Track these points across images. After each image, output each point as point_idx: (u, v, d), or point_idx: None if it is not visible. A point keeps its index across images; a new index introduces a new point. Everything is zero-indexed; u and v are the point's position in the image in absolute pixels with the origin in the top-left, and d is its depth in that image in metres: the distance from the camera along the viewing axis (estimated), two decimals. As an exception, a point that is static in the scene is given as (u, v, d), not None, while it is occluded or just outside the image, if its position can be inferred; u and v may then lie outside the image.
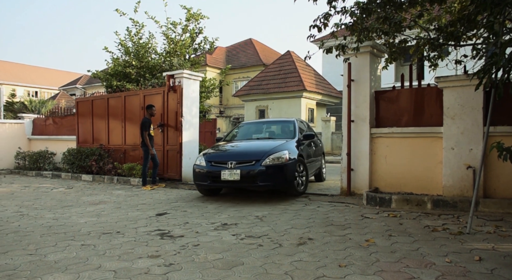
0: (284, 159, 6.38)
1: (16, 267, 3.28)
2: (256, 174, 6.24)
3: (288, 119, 8.37)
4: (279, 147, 6.67)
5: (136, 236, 4.27)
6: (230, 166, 6.35)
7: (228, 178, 6.31)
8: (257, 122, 8.99)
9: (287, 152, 6.52)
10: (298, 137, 7.35)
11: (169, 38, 11.58)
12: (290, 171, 6.44)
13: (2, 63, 55.39)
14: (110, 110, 10.71)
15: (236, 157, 6.54)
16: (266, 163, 6.28)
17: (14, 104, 28.65)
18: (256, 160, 6.32)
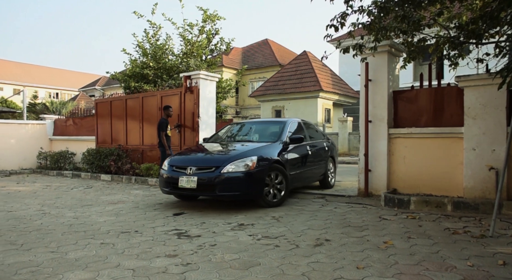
0: (249, 166, 5.62)
1: (39, 264, 3.36)
2: (214, 183, 5.55)
3: (282, 119, 7.63)
4: (247, 152, 5.95)
5: (154, 235, 4.31)
6: (189, 172, 5.76)
7: (185, 185, 5.71)
8: (247, 122, 8.03)
9: (255, 158, 5.74)
10: (284, 140, 6.52)
11: (186, 39, 11.68)
12: (255, 180, 5.66)
13: (25, 65, 56.87)
14: (128, 111, 10.86)
15: (197, 163, 5.99)
16: (226, 170, 5.57)
17: (37, 105, 29.37)
18: (216, 167, 5.65)
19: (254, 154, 5.89)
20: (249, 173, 5.61)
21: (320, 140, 8.01)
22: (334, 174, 8.39)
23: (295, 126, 7.29)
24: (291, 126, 7.10)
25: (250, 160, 5.71)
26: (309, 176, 7.27)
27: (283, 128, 6.89)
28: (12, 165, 13.06)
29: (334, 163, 8.43)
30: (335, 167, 8.47)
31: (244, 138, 7.21)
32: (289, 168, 6.33)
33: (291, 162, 6.48)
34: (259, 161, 5.77)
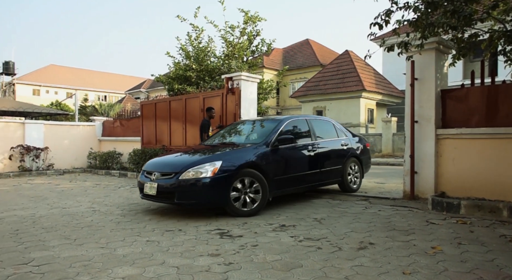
0: (209, 172, 5.17)
1: (90, 258, 3.53)
2: (172, 190, 5.25)
3: (279, 118, 6.96)
4: (212, 157, 5.53)
5: (197, 235, 4.39)
6: (153, 178, 5.52)
7: (148, 192, 5.48)
8: (247, 121, 7.42)
9: (218, 163, 5.26)
10: (270, 141, 5.91)
11: (228, 41, 11.83)
12: (216, 187, 5.18)
13: (77, 70, 60.09)
14: (171, 112, 11.16)
15: (162, 168, 5.66)
16: (183, 177, 5.21)
17: (87, 107, 30.95)
18: (175, 173, 5.30)
19: (219, 158, 5.41)
20: (208, 180, 5.15)
21: (335, 139, 7.22)
22: (359, 177, 7.55)
23: (294, 125, 6.62)
24: (287, 125, 6.43)
25: (211, 166, 5.25)
26: (314, 179, 6.58)
27: (273, 128, 6.24)
28: (65, 165, 13.82)
29: (360, 165, 7.60)
30: (361, 169, 7.62)
31: (233, 140, 6.67)
32: (274, 172, 5.78)
33: (281, 165, 5.99)
34: (223, 167, 5.26)
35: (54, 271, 3.21)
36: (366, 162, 7.94)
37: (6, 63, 48.67)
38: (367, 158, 8.04)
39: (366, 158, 7.96)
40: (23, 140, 12.82)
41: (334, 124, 7.59)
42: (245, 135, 6.70)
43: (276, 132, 6.14)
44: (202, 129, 8.66)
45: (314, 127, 6.92)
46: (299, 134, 6.66)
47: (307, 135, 6.74)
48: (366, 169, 8.00)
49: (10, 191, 8.43)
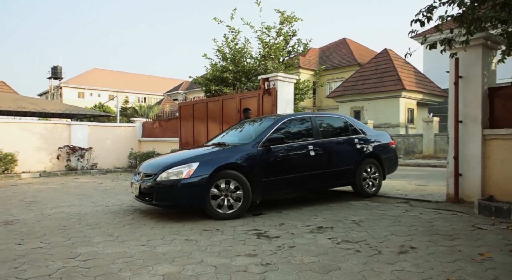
0: (184, 173, 5.13)
1: (132, 255, 3.64)
2: (151, 191, 5.28)
3: (275, 116, 6.68)
4: (191, 158, 5.42)
5: (234, 235, 4.43)
6: (138, 178, 5.63)
7: (134, 192, 5.64)
8: (250, 120, 7.21)
9: (195, 164, 5.19)
10: (260, 141, 5.71)
11: (264, 42, 11.85)
12: (191, 189, 5.12)
13: (118, 73, 62.37)
14: (209, 113, 11.33)
15: (147, 169, 5.67)
16: (161, 178, 5.22)
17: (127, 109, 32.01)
18: (154, 174, 5.33)
19: (197, 160, 5.31)
20: (183, 182, 5.10)
21: (345, 137, 6.68)
22: (378, 179, 6.95)
23: (292, 123, 6.30)
24: (284, 124, 6.15)
25: (187, 167, 5.19)
26: (315, 180, 6.22)
27: (267, 128, 5.99)
28: (107, 164, 14.37)
29: (381, 166, 6.98)
30: (381, 171, 6.98)
31: (227, 140, 6.49)
32: (263, 173, 5.58)
33: (272, 166, 5.73)
34: (201, 168, 5.18)
35: (98, 266, 3.34)
36: (389, 162, 7.21)
37: (54, 68, 51.38)
38: (391, 158, 7.27)
39: (389, 158, 7.20)
40: (69, 140, 13.46)
41: (348, 121, 7.04)
42: (242, 135, 6.48)
43: (269, 132, 5.90)
44: None
45: (318, 125, 6.51)
46: (298, 133, 6.32)
47: (308, 133, 6.34)
48: (391, 170, 7.33)
49: (58, 189, 8.88)
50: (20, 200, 7.13)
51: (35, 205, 6.62)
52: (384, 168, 7.05)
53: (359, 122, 7.30)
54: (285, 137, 5.96)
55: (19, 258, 3.59)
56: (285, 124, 6.20)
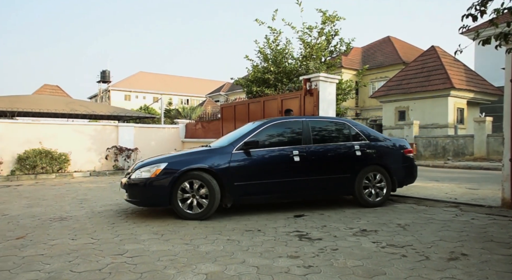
0: (150, 173, 5.34)
1: (176, 254, 3.73)
2: (125, 188, 5.55)
3: (261, 121, 6.53)
4: (163, 159, 5.63)
5: (275, 236, 4.42)
6: (125, 176, 5.84)
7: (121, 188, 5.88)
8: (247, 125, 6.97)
9: (163, 165, 5.37)
10: (237, 145, 5.68)
11: (305, 43, 11.75)
12: (155, 188, 5.33)
13: (163, 76, 64.35)
14: (250, 114, 11.40)
15: (133, 167, 5.87)
16: (133, 176, 5.48)
17: (171, 111, 32.93)
18: (131, 173, 5.62)
19: (166, 161, 5.48)
20: (148, 181, 5.31)
21: (342, 143, 6.27)
22: (384, 190, 6.31)
23: (279, 127, 6.17)
24: (269, 128, 6.03)
25: (154, 167, 5.39)
26: (300, 187, 5.93)
27: (249, 131, 5.94)
28: (152, 164, 14.82)
29: (388, 175, 6.35)
30: (389, 179, 6.34)
31: (218, 142, 6.52)
32: (236, 177, 5.52)
33: (247, 171, 5.64)
34: (167, 169, 5.33)
35: (144, 263, 3.45)
36: (402, 172, 6.58)
37: (103, 72, 53.89)
38: (405, 167, 6.64)
39: (402, 167, 6.59)
40: (116, 141, 14.05)
41: (350, 125, 6.54)
42: (232, 137, 6.22)
43: (248, 135, 5.82)
44: None
45: (311, 130, 6.18)
46: (285, 138, 6.15)
47: (296, 138, 6.09)
48: (406, 180, 6.70)
49: (106, 188, 9.28)
50: (73, 198, 7.53)
51: (86, 202, 6.96)
52: (393, 178, 6.40)
53: (365, 128, 6.74)
54: (269, 141, 5.91)
55: (72, 252, 3.79)
56: (271, 128, 6.09)
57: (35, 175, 11.81)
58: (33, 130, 12.42)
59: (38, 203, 6.95)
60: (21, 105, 14.70)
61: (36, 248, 3.94)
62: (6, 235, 4.51)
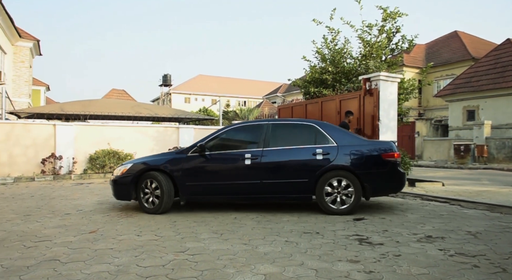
0: (120, 171, 6.25)
1: (235, 253, 3.79)
2: (110, 183, 6.44)
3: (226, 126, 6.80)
4: (134, 159, 6.65)
5: (334, 239, 4.33)
6: None
7: None
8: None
9: (129, 165, 6.22)
10: (192, 148, 6.10)
11: (365, 41, 11.40)
12: (120, 185, 6.18)
13: (220, 78, 65.94)
14: (308, 115, 11.30)
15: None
16: (113, 173, 6.42)
17: (229, 112, 33.61)
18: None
19: (134, 161, 6.33)
20: (117, 178, 6.23)
21: (302, 147, 5.97)
22: (352, 196, 5.77)
23: (239, 131, 6.45)
24: (229, 132, 6.38)
25: (123, 167, 6.27)
26: (251, 190, 5.92)
27: (209, 135, 6.27)
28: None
29: (358, 181, 5.77)
30: (358, 186, 5.76)
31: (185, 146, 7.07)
32: (187, 177, 5.96)
33: (198, 172, 6.04)
34: (130, 169, 6.13)
35: (205, 261, 3.54)
36: (377, 178, 5.91)
37: (164, 76, 56.37)
38: (382, 173, 5.95)
39: (377, 173, 5.93)
40: (177, 142, 14.61)
41: (318, 128, 6.14)
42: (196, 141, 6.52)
43: (205, 139, 6.16)
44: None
45: (272, 134, 6.10)
46: (243, 142, 6.30)
47: (254, 142, 6.11)
48: (382, 188, 6.02)
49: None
50: (138, 196, 7.92)
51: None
52: (364, 185, 5.80)
53: (337, 130, 6.26)
54: (227, 145, 6.28)
55: (138, 248, 4.00)
56: (232, 132, 6.42)
57: (104, 174, 12.65)
58: (102, 132, 13.31)
59: (107, 200, 7.42)
60: (92, 108, 15.80)
61: (106, 242, 4.21)
62: (80, 229, 4.87)
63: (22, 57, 21.34)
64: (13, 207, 6.62)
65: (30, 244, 4.14)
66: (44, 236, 4.50)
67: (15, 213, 6.05)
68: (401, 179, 6.00)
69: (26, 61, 21.56)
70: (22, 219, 5.52)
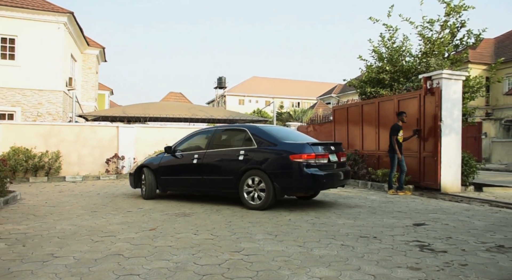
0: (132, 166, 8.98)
1: (290, 255, 3.77)
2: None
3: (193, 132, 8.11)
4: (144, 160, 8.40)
5: (393, 244, 4.16)
6: None
7: None
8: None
9: (139, 163, 8.30)
10: (171, 149, 7.68)
11: (426, 38, 10.85)
12: (133, 177, 8.13)
13: (274, 80, 66.14)
14: (364, 116, 10.99)
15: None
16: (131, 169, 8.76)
17: (282, 114, 33.60)
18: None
19: (140, 161, 8.51)
20: (130, 172, 8.31)
21: (229, 149, 6.94)
22: (265, 193, 6.23)
23: (198, 135, 7.71)
24: (193, 136, 7.75)
25: (135, 164, 8.80)
26: (197, 184, 7.20)
27: (182, 138, 7.89)
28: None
29: (269, 180, 6.18)
30: (269, 184, 6.17)
31: None
32: (161, 172, 7.62)
33: (168, 168, 7.59)
34: (136, 166, 8.26)
35: (260, 262, 3.56)
36: (284, 178, 6.18)
37: (219, 79, 57.58)
38: (288, 173, 6.16)
39: (284, 173, 6.18)
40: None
41: (248, 132, 6.82)
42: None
43: (179, 142, 7.77)
44: (392, 132, 8.30)
45: (216, 137, 7.29)
46: (199, 144, 7.48)
47: (204, 144, 7.32)
48: (292, 188, 6.29)
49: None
50: (191, 196, 8.15)
51: (205, 200, 7.49)
52: (274, 184, 6.17)
53: (263, 134, 6.70)
54: (190, 147, 7.57)
55: (195, 246, 4.11)
56: (195, 135, 7.74)
57: (163, 173, 13.17)
58: (160, 134, 13.88)
59: (164, 199, 7.72)
60: (151, 111, 16.52)
61: (165, 240, 4.37)
62: (141, 226, 5.11)
63: (90, 64, 22.87)
64: (82, 203, 7.11)
65: (97, 239, 4.42)
66: (109, 232, 4.78)
67: (84, 209, 6.49)
68: (309, 180, 6.08)
69: (93, 67, 23.08)
70: (89, 215, 5.91)
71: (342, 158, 6.94)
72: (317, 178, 6.08)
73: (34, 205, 6.95)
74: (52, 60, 16.17)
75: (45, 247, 4.07)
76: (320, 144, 6.51)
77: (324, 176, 6.15)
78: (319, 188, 6.60)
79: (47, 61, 16.04)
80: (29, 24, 15.88)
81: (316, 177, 6.07)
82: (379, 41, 11.69)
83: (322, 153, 6.30)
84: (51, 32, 16.22)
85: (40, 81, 15.97)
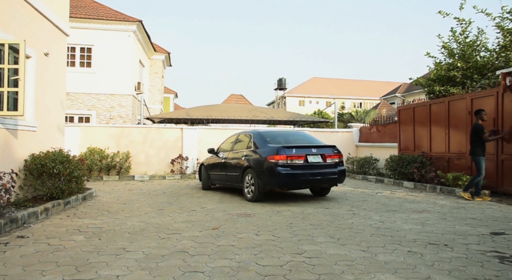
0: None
1: (353, 260, 3.66)
2: None
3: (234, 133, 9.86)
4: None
5: (467, 253, 3.87)
6: None
7: None
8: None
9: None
10: (213, 151, 9.64)
11: (505, 30, 9.98)
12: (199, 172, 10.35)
13: (335, 80, 64.91)
14: (432, 116, 10.38)
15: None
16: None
17: (344, 115, 32.82)
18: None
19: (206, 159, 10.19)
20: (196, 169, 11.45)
21: (239, 151, 8.38)
22: (254, 188, 7.51)
23: (228, 139, 9.45)
24: (227, 139, 9.47)
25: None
26: (224, 178, 8.80)
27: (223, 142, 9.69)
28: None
29: (257, 177, 7.42)
30: (256, 180, 7.43)
31: None
32: (209, 169, 9.49)
33: (211, 166, 9.40)
34: (200, 163, 10.52)
35: (322, 265, 3.49)
36: (264, 176, 7.31)
37: (279, 80, 57.75)
38: (265, 171, 7.28)
39: (263, 172, 7.34)
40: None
41: (252, 137, 8.25)
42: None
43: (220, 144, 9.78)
44: (479, 132, 7.61)
45: (237, 141, 8.82)
46: (228, 146, 9.15)
47: (229, 147, 9.03)
48: (269, 184, 7.28)
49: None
50: (255, 196, 8.23)
51: (265, 202, 7.52)
52: (258, 180, 7.41)
53: (259, 139, 8.02)
54: (224, 149, 9.23)
55: (256, 246, 4.14)
56: (228, 139, 9.45)
57: (225, 174, 13.48)
58: (222, 135, 14.17)
59: (227, 199, 7.89)
60: (213, 113, 16.99)
61: (227, 239, 4.46)
62: (204, 225, 5.26)
63: (156, 68, 24.08)
64: (150, 202, 7.49)
65: (164, 236, 4.62)
66: (174, 229, 4.98)
67: (151, 207, 6.83)
68: (282, 177, 7.10)
69: (159, 72, 24.27)
70: (156, 213, 6.20)
71: (330, 159, 7.61)
72: (289, 176, 7.11)
73: (107, 202, 7.45)
74: (123, 66, 17.31)
75: (118, 241, 4.34)
76: (295, 147, 7.42)
77: (297, 174, 7.16)
78: (292, 185, 7.48)
79: (118, 67, 17.20)
80: (103, 33, 17.15)
81: (288, 175, 7.10)
82: (449, 36, 11.02)
83: (296, 154, 7.25)
84: (122, 40, 17.36)
85: (112, 86, 17.17)
